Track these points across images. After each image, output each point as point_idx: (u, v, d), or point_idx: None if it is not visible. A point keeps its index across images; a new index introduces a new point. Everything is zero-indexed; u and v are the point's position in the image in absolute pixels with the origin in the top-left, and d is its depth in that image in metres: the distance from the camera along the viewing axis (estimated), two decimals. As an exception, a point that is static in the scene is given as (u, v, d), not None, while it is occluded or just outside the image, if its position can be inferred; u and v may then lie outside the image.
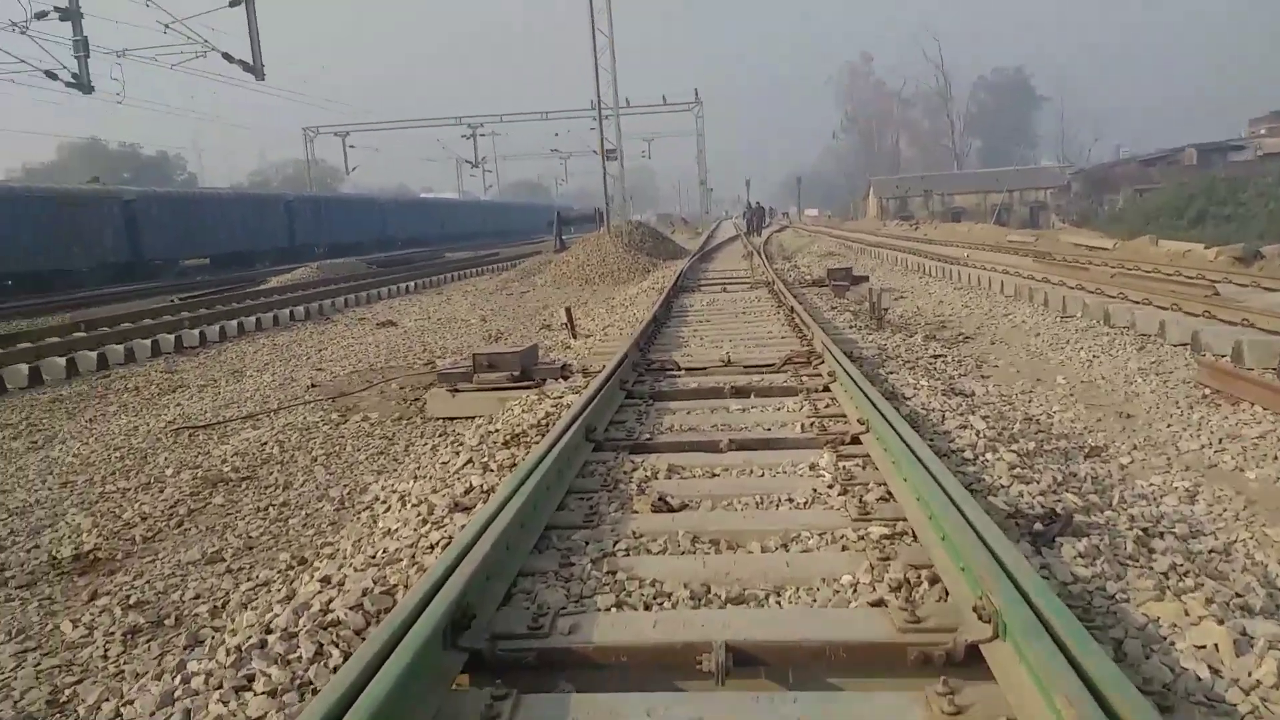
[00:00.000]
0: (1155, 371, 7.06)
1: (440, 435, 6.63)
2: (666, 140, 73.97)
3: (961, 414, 5.25)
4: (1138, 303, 9.72)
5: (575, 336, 10.72)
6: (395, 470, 5.74)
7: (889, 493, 3.88)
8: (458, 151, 70.24)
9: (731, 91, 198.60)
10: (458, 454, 5.02)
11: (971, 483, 3.87)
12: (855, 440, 4.80)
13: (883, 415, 4.71)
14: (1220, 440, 5.05)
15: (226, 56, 23.85)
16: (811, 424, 5.26)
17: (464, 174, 77.90)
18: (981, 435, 4.65)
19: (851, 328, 9.71)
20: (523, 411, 5.90)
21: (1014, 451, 4.37)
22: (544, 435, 5.01)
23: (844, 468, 4.25)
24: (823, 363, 7.04)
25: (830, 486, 3.98)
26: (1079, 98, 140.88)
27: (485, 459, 4.57)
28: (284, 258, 40.27)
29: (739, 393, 6.36)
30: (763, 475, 4.35)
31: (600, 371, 7.15)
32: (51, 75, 21.33)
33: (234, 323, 14.26)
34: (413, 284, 21.75)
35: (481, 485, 4.10)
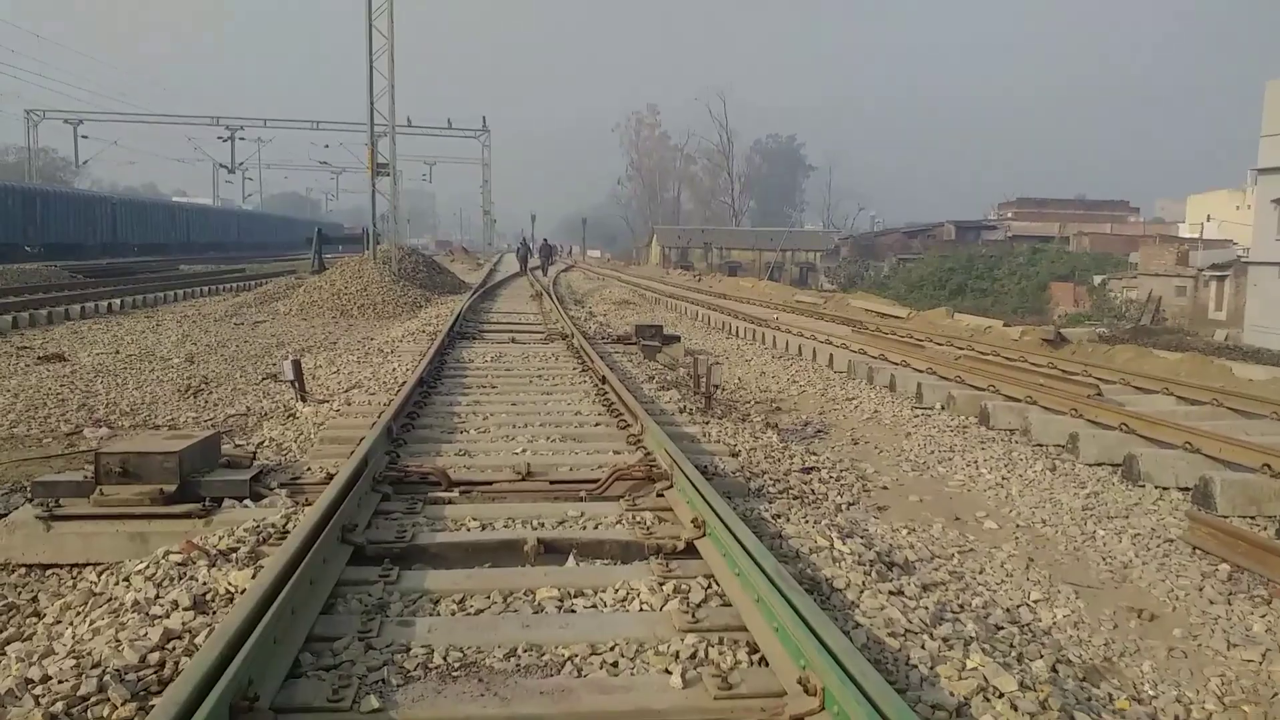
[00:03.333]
0: (1109, 515, 5.21)
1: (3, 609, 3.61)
2: (450, 166, 70.95)
3: (950, 643, 2.97)
4: (1017, 400, 8.10)
5: (304, 400, 7.78)
6: None
7: None
8: (215, 155, 63.26)
9: (521, 126, 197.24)
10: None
11: None
12: (803, 729, 2.41)
13: (845, 672, 2.38)
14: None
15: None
16: (694, 654, 2.82)
17: (221, 180, 70.44)
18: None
19: (681, 410, 7.43)
20: (133, 607, 3.04)
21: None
22: (150, 701, 2.27)
23: None
24: (670, 485, 4.65)
25: None
26: (843, 172, 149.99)
27: None
28: (-19, 255, 33.45)
29: (550, 550, 3.83)
30: None
31: (318, 490, 4.42)
32: None
33: None
34: (119, 301, 17.45)
35: None
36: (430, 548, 3.80)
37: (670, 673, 2.71)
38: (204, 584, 3.19)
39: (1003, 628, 3.45)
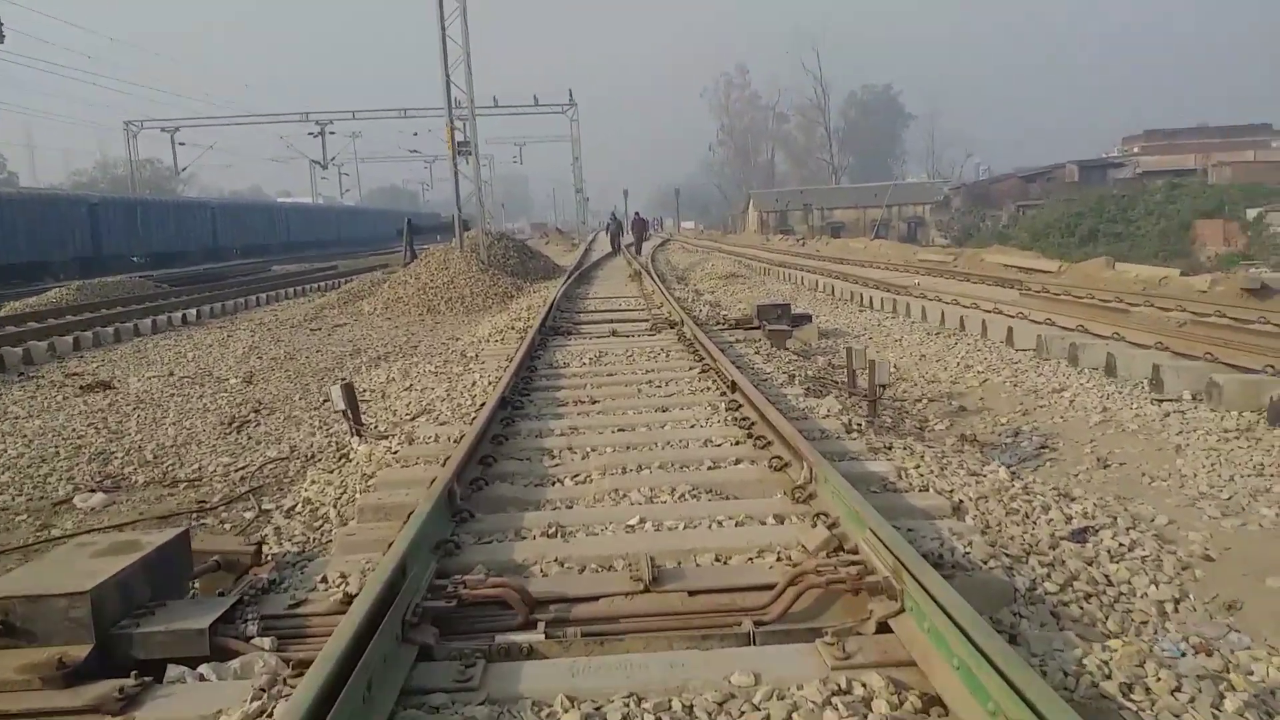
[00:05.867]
0: None
1: None
2: (541, 146, 69.48)
3: None
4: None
5: (360, 434, 6.11)
6: None
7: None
8: (307, 152, 63.31)
9: (607, 102, 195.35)
10: None
11: None
12: None
13: None
14: None
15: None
16: None
17: (318, 178, 70.81)
18: None
19: (847, 428, 5.46)
20: None
21: None
22: None
23: None
24: (899, 609, 2.72)
25: None
26: (946, 117, 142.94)
27: None
28: (89, 270, 33.50)
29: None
30: None
31: (322, 634, 2.71)
32: None
33: None
34: (194, 312, 16.36)
35: None
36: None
37: None
38: None
39: None
